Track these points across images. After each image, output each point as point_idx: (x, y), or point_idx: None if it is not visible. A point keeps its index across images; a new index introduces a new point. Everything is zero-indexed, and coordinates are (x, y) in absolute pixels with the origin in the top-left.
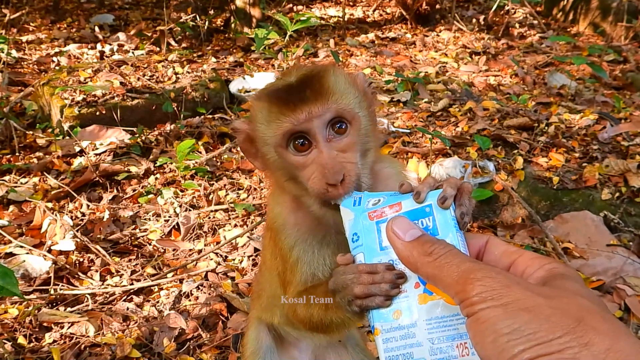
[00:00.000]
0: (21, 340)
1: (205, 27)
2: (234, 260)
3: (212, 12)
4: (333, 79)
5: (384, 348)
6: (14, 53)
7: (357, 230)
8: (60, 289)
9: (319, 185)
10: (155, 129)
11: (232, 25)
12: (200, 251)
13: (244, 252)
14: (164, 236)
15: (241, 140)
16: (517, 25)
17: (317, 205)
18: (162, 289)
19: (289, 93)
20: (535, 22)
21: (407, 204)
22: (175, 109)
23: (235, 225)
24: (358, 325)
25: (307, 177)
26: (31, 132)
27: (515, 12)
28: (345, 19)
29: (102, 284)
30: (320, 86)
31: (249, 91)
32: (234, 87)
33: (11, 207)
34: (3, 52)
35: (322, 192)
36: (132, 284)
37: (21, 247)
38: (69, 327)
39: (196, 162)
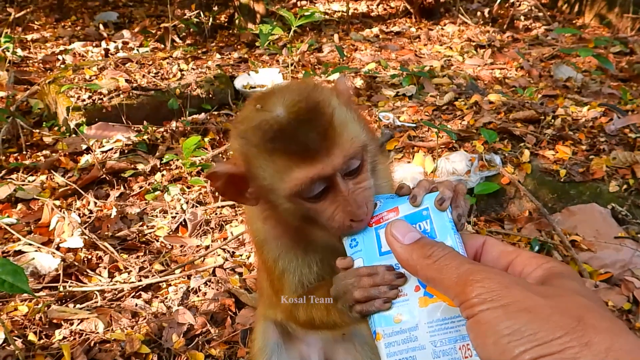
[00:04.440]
0: (31, 337)
1: (210, 24)
2: (241, 255)
3: (216, 8)
4: (337, 113)
5: (386, 353)
6: (19, 52)
7: (355, 236)
8: (70, 286)
9: (341, 223)
10: (161, 126)
11: (236, 21)
12: (207, 247)
13: (251, 248)
14: (171, 233)
15: (221, 184)
16: (522, 17)
17: (330, 237)
18: (170, 285)
19: (298, 143)
20: (541, 14)
21: (404, 208)
22: (181, 105)
23: (242, 221)
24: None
25: (326, 218)
26: (38, 131)
27: (520, 5)
28: (349, 14)
29: (111, 281)
30: (332, 131)
31: (254, 87)
32: (239, 83)
33: (19, 205)
34: (9, 51)
35: (346, 228)
36: (140, 280)
37: (30, 244)
38: (78, 324)
39: (202, 159)
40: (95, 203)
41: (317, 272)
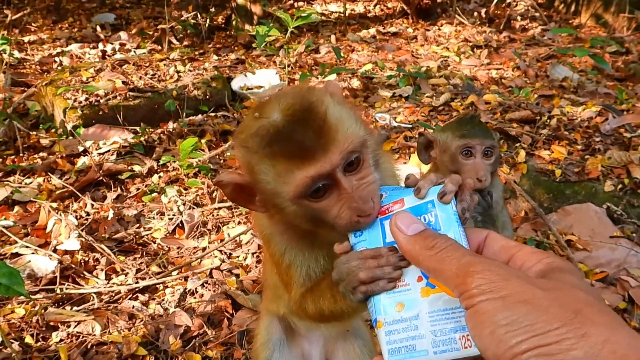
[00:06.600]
0: (28, 339)
1: (207, 25)
2: (238, 257)
3: (213, 9)
4: (331, 110)
5: (386, 340)
6: (16, 54)
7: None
8: (66, 289)
9: (348, 219)
10: (158, 127)
11: (233, 22)
12: (204, 249)
13: (248, 249)
14: (168, 234)
15: (229, 191)
16: (518, 17)
17: (341, 236)
18: (167, 287)
19: (295, 143)
20: (537, 14)
21: (409, 200)
22: (178, 107)
23: (239, 223)
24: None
25: (333, 216)
26: (35, 133)
27: (516, 5)
28: (347, 15)
29: (108, 283)
30: (327, 128)
31: (251, 88)
32: (236, 84)
33: (16, 208)
34: (5, 53)
35: (353, 224)
36: (137, 282)
37: (27, 247)
38: (75, 326)
39: (199, 160)
40: (92, 205)
41: (325, 265)
